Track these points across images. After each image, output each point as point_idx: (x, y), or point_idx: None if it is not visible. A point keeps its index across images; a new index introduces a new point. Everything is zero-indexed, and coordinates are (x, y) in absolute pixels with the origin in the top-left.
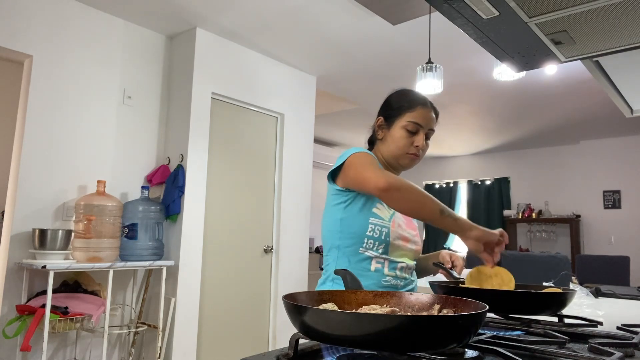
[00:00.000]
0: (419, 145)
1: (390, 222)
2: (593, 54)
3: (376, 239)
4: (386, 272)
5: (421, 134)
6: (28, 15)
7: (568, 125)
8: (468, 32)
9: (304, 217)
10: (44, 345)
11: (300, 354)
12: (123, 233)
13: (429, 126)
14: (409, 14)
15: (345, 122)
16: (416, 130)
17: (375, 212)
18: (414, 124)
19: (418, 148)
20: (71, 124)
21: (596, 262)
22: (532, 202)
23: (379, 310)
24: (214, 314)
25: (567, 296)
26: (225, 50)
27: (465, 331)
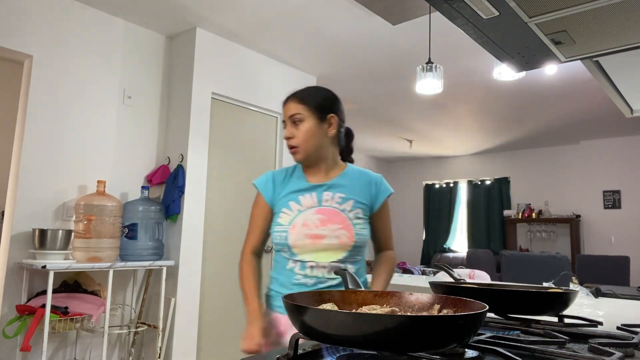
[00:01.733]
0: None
1: (290, 225)
2: (593, 54)
3: (278, 243)
4: (297, 271)
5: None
6: (28, 15)
7: (568, 125)
8: (468, 32)
9: None
10: (44, 345)
11: (300, 354)
12: (123, 233)
13: (288, 114)
14: (409, 14)
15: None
16: (284, 125)
17: (278, 220)
18: (283, 122)
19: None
20: (71, 124)
21: (596, 262)
22: (532, 202)
23: (379, 310)
24: (214, 314)
25: (569, 296)
26: (225, 50)
27: (465, 331)
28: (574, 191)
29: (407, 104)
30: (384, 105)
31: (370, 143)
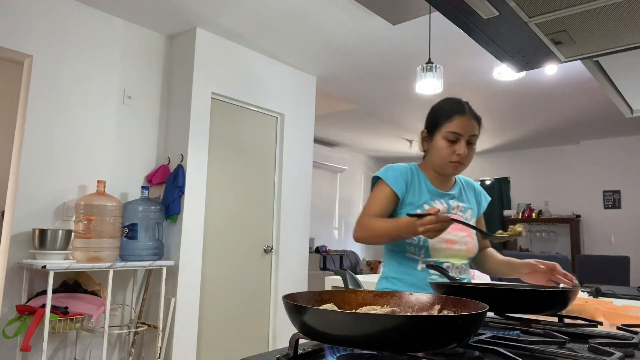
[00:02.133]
0: (460, 153)
1: None
2: (593, 54)
3: (416, 245)
4: (432, 272)
5: (462, 142)
6: (28, 15)
7: (568, 125)
8: (468, 32)
9: (304, 217)
10: (44, 345)
11: (300, 354)
12: (123, 233)
13: (469, 133)
14: (409, 14)
15: (345, 122)
16: (456, 139)
17: None
18: (452, 133)
19: (460, 156)
20: (71, 123)
21: (596, 262)
22: (532, 202)
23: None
24: (214, 314)
25: (569, 295)
26: (225, 50)
27: (465, 331)
28: (574, 191)
29: (407, 104)
30: (384, 105)
31: (370, 143)
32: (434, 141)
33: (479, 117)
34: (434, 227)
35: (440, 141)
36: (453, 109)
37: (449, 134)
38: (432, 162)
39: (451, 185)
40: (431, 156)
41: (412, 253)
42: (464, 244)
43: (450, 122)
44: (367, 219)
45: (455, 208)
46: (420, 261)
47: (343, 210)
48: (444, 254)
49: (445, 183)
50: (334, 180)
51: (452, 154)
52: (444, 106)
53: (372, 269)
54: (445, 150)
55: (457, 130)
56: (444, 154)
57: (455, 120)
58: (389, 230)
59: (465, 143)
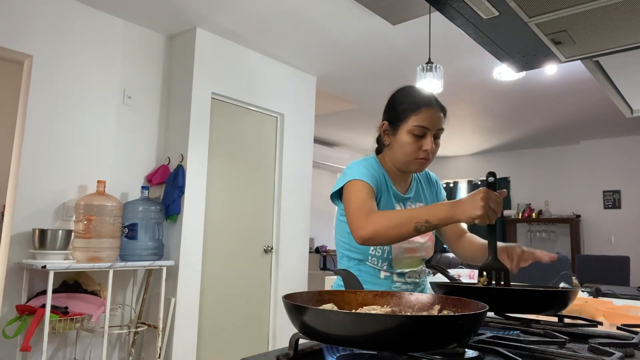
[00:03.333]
0: (427, 149)
1: None
2: (593, 54)
3: (379, 257)
4: (395, 279)
5: (429, 137)
6: (28, 15)
7: (568, 125)
8: (468, 32)
9: (304, 217)
10: (44, 345)
11: (300, 354)
12: (123, 233)
13: (436, 127)
14: (409, 14)
15: (345, 122)
16: (423, 133)
17: None
18: (420, 127)
19: (427, 152)
20: (71, 124)
21: (596, 262)
22: (532, 202)
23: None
24: (214, 314)
25: (569, 295)
26: (225, 50)
27: (465, 331)
28: (574, 191)
29: None
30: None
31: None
32: (397, 135)
33: (445, 108)
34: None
35: (405, 136)
36: (419, 101)
37: (416, 128)
38: (395, 158)
39: (408, 184)
40: (393, 152)
41: (373, 265)
42: (424, 250)
43: (416, 115)
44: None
45: None
46: (382, 271)
47: None
48: (406, 263)
49: (404, 182)
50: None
51: (418, 150)
52: (409, 96)
53: None
54: (411, 146)
55: (425, 124)
56: (409, 150)
57: (423, 113)
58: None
59: (432, 138)
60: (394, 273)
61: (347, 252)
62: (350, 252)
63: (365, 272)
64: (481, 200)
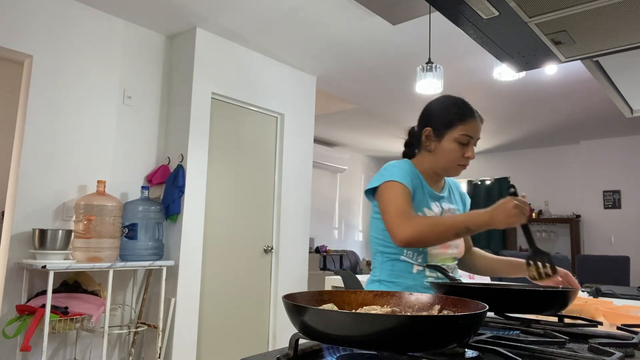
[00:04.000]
0: (469, 156)
1: None
2: (593, 54)
3: (414, 250)
4: (428, 274)
5: (471, 145)
6: (28, 15)
7: (568, 125)
8: (468, 32)
9: (304, 217)
10: (44, 345)
11: (300, 354)
12: (123, 233)
13: (477, 136)
14: (409, 14)
15: (345, 122)
16: (467, 142)
17: None
18: (466, 136)
19: (468, 159)
20: (71, 123)
21: (596, 262)
22: (532, 202)
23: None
24: (214, 314)
25: (569, 295)
26: (225, 50)
27: (465, 331)
28: (574, 191)
29: (407, 104)
30: (384, 105)
31: (370, 143)
32: (442, 142)
33: (483, 120)
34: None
35: (450, 143)
36: (466, 112)
37: (463, 136)
38: (437, 162)
39: (442, 186)
40: (436, 157)
41: (408, 257)
42: (456, 247)
43: (464, 125)
44: (416, 217)
45: (447, 211)
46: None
47: (343, 210)
48: (439, 258)
49: (438, 184)
50: (334, 180)
51: (461, 157)
52: (456, 107)
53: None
54: (455, 153)
55: (470, 134)
56: (454, 157)
57: (469, 123)
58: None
59: (473, 146)
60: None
61: (382, 248)
62: (385, 248)
63: (399, 267)
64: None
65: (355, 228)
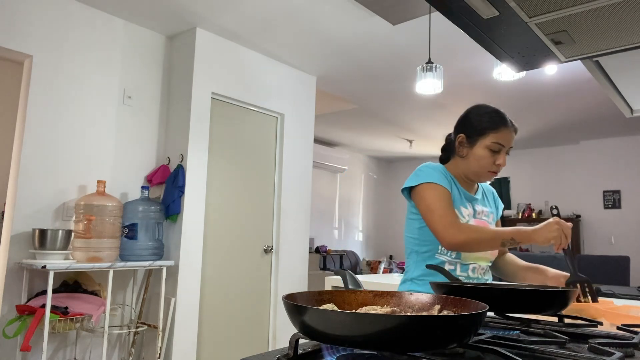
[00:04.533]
0: (500, 164)
1: None
2: (593, 54)
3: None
4: (458, 273)
5: (503, 153)
6: (28, 15)
7: (568, 125)
8: (468, 32)
9: (304, 217)
10: (44, 345)
11: (300, 354)
12: (123, 233)
13: (509, 145)
14: (409, 14)
15: (345, 122)
16: (499, 149)
17: None
18: (497, 144)
19: (499, 166)
20: (71, 124)
21: (596, 262)
22: (532, 202)
23: (379, 310)
24: (214, 314)
25: (569, 295)
26: (225, 50)
27: (465, 331)
28: (574, 191)
29: (407, 104)
30: (384, 105)
31: (370, 143)
32: (474, 149)
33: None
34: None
35: (482, 150)
36: (499, 120)
37: (494, 144)
38: (468, 168)
39: (475, 189)
40: (468, 163)
41: (443, 254)
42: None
43: (496, 133)
44: (465, 224)
45: (480, 212)
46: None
47: (343, 210)
48: (474, 256)
49: (470, 187)
50: (334, 180)
51: (492, 164)
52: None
53: (372, 269)
54: (486, 159)
55: (502, 142)
56: (485, 164)
57: (502, 132)
58: (503, 234)
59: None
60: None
61: (417, 248)
62: (420, 247)
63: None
64: (556, 227)
65: (355, 228)
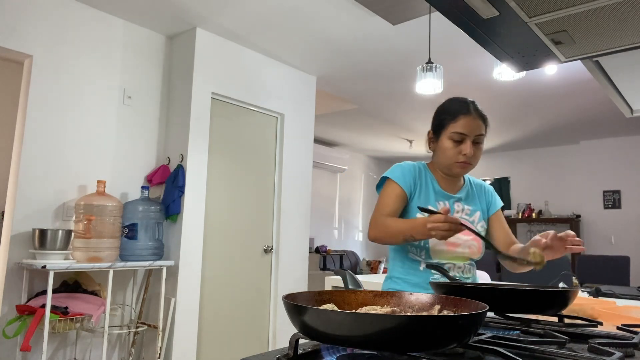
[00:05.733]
0: (466, 153)
1: None
2: (593, 54)
3: (417, 246)
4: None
5: (467, 142)
6: (28, 15)
7: (568, 125)
8: (468, 32)
9: (304, 217)
10: (44, 345)
11: (300, 354)
12: (123, 233)
13: (474, 133)
14: (409, 14)
15: (345, 122)
16: (461, 139)
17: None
18: (458, 133)
19: (466, 156)
20: (71, 123)
21: (596, 262)
22: (532, 202)
23: (379, 310)
24: (214, 314)
25: (569, 295)
26: (225, 50)
27: (465, 331)
28: (574, 191)
29: (407, 104)
30: (384, 105)
31: (370, 143)
32: (439, 142)
33: (484, 116)
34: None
35: (445, 142)
36: (458, 109)
37: (454, 134)
38: (439, 162)
39: (459, 187)
40: (438, 157)
41: (414, 254)
42: (467, 247)
43: (455, 123)
44: (381, 219)
45: (460, 211)
46: (423, 262)
47: (343, 210)
48: (445, 255)
49: (452, 184)
50: (334, 180)
51: (458, 154)
52: (449, 106)
53: (372, 269)
54: (450, 150)
55: (462, 131)
56: (450, 155)
57: (461, 121)
58: (402, 230)
59: (471, 143)
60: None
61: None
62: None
63: (408, 265)
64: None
65: (355, 228)
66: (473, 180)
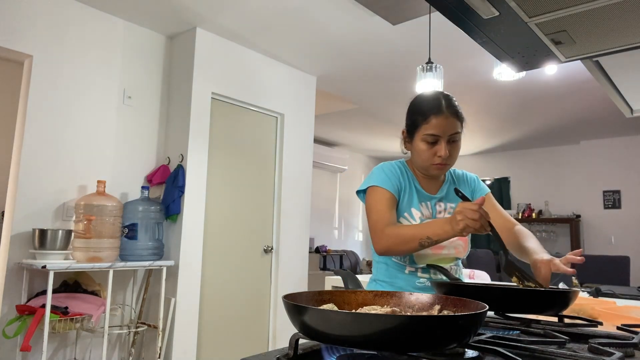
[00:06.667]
0: (441, 155)
1: None
2: (593, 54)
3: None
4: (419, 275)
5: (442, 143)
6: (28, 15)
7: (568, 125)
8: (468, 32)
9: (304, 217)
10: (44, 345)
11: (300, 354)
12: (123, 233)
13: (448, 133)
14: (409, 14)
15: (345, 122)
16: (435, 140)
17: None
18: (431, 135)
19: (441, 158)
20: (71, 124)
21: (596, 262)
22: (532, 202)
23: (379, 311)
24: (214, 314)
25: (570, 296)
26: (225, 50)
27: (465, 331)
28: (574, 191)
29: (407, 104)
30: (384, 105)
31: (370, 143)
32: (414, 143)
33: (458, 112)
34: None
35: (419, 144)
36: (429, 109)
37: (427, 136)
38: (415, 163)
39: (439, 185)
40: (414, 158)
41: (397, 260)
42: (454, 247)
43: (427, 124)
44: (388, 229)
45: (443, 211)
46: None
47: (343, 210)
48: (430, 259)
49: (433, 183)
50: (334, 180)
51: (433, 156)
52: (420, 105)
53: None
54: (425, 152)
55: (436, 132)
56: (425, 157)
57: (433, 121)
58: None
59: (445, 143)
60: (419, 268)
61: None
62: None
63: (393, 267)
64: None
65: (355, 228)
66: (455, 172)
